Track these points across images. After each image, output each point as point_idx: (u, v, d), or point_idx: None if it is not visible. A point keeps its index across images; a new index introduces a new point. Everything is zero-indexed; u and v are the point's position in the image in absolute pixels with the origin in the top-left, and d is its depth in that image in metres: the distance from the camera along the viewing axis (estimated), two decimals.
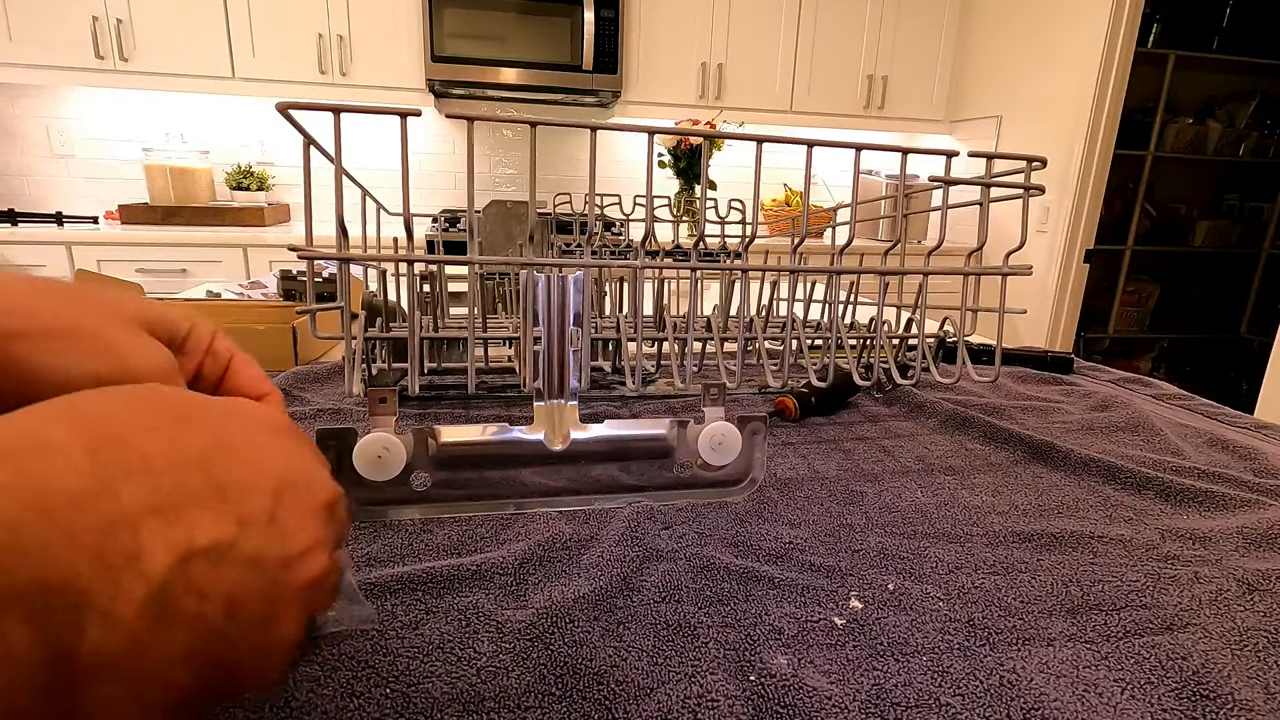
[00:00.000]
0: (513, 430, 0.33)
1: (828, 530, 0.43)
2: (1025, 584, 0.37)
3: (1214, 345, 3.24)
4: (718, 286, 0.81)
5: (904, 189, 0.64)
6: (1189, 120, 2.90)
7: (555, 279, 0.33)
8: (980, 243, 0.55)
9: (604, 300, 0.80)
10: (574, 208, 0.96)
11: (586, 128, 0.45)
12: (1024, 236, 0.53)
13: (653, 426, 0.35)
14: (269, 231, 2.31)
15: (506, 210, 0.92)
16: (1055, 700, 0.28)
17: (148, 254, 2.15)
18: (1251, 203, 3.12)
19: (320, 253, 0.44)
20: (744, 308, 0.56)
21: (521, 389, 0.65)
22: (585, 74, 2.50)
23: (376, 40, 2.39)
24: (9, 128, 2.45)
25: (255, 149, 2.64)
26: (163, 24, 2.23)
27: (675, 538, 0.41)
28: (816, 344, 0.84)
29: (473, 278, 0.53)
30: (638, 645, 0.31)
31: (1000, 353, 0.59)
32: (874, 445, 0.58)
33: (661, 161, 2.68)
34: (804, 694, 0.28)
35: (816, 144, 0.49)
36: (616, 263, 0.51)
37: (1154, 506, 0.48)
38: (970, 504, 0.47)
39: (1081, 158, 2.37)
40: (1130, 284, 3.02)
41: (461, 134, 2.73)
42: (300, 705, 0.27)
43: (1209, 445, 0.60)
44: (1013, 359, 0.86)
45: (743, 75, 2.73)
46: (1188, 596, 0.36)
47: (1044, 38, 2.51)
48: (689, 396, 0.67)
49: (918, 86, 2.91)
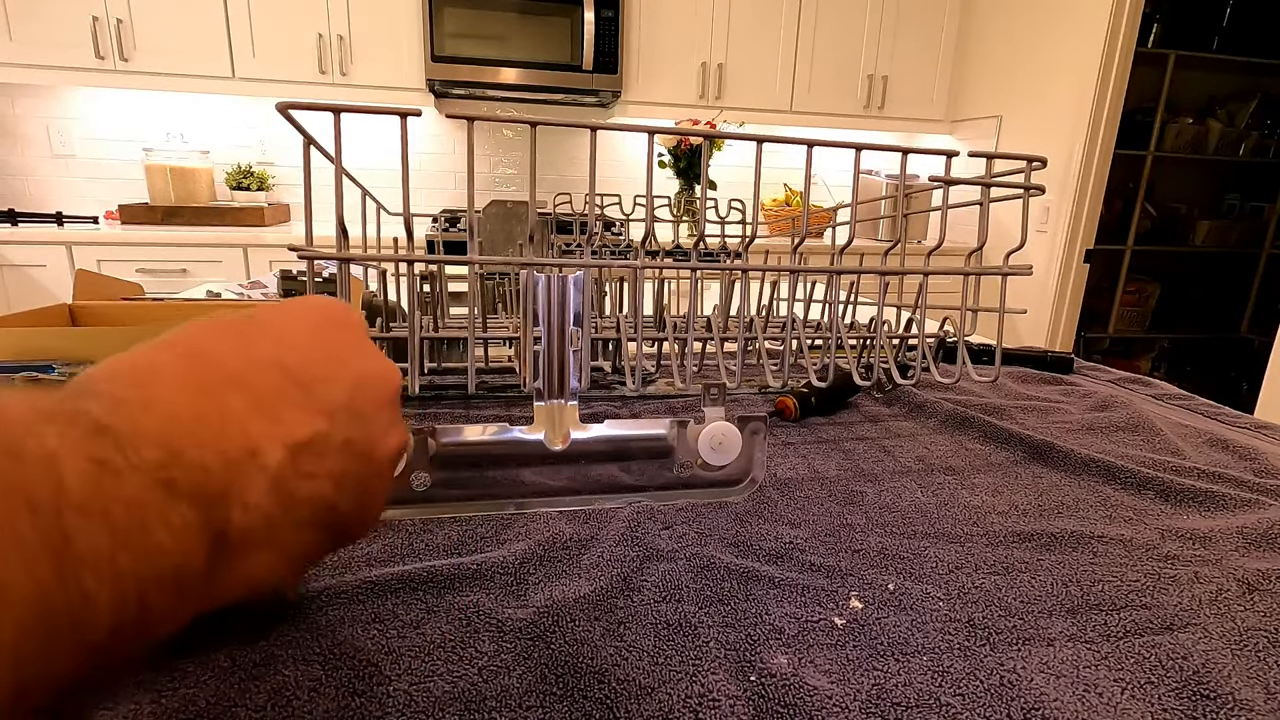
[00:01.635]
0: (513, 430, 0.33)
1: (828, 530, 0.43)
2: (1025, 584, 0.37)
3: (1214, 345, 3.24)
4: (718, 286, 0.81)
5: (904, 189, 0.64)
6: (1189, 120, 2.90)
7: (555, 279, 0.33)
8: (980, 243, 0.55)
9: (604, 300, 0.80)
10: (574, 208, 0.96)
11: (586, 128, 0.45)
12: (1024, 236, 0.53)
13: (653, 426, 0.35)
14: (269, 231, 2.31)
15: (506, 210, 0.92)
16: (1055, 700, 0.28)
17: (148, 254, 2.15)
18: (1252, 203, 3.12)
19: (320, 253, 0.44)
20: (744, 308, 0.56)
21: (521, 389, 0.65)
22: (585, 74, 2.50)
23: (376, 40, 2.39)
24: (9, 128, 2.45)
25: (255, 149, 2.64)
26: (163, 24, 2.23)
27: (675, 538, 0.41)
28: (816, 344, 0.84)
29: (473, 278, 0.53)
30: (638, 645, 0.31)
31: (1000, 353, 0.59)
32: (874, 445, 0.58)
33: (661, 161, 2.68)
34: (804, 694, 0.28)
35: (816, 144, 0.49)
36: (616, 263, 0.51)
37: (1154, 506, 0.48)
38: (970, 504, 0.47)
39: (1081, 158, 2.37)
40: (1130, 284, 3.02)
41: (461, 134, 2.73)
42: (302, 704, 0.27)
43: (1209, 445, 0.60)
44: (1013, 359, 0.86)
45: (743, 75, 2.73)
46: (1188, 596, 0.36)
47: (1044, 38, 2.51)
48: (689, 396, 0.67)
49: (918, 86, 2.91)
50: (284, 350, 0.21)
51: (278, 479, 0.19)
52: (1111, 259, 2.87)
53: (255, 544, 0.19)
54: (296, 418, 0.20)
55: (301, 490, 0.20)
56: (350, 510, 0.22)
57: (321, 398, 0.21)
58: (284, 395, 0.20)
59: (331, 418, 0.21)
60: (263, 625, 0.32)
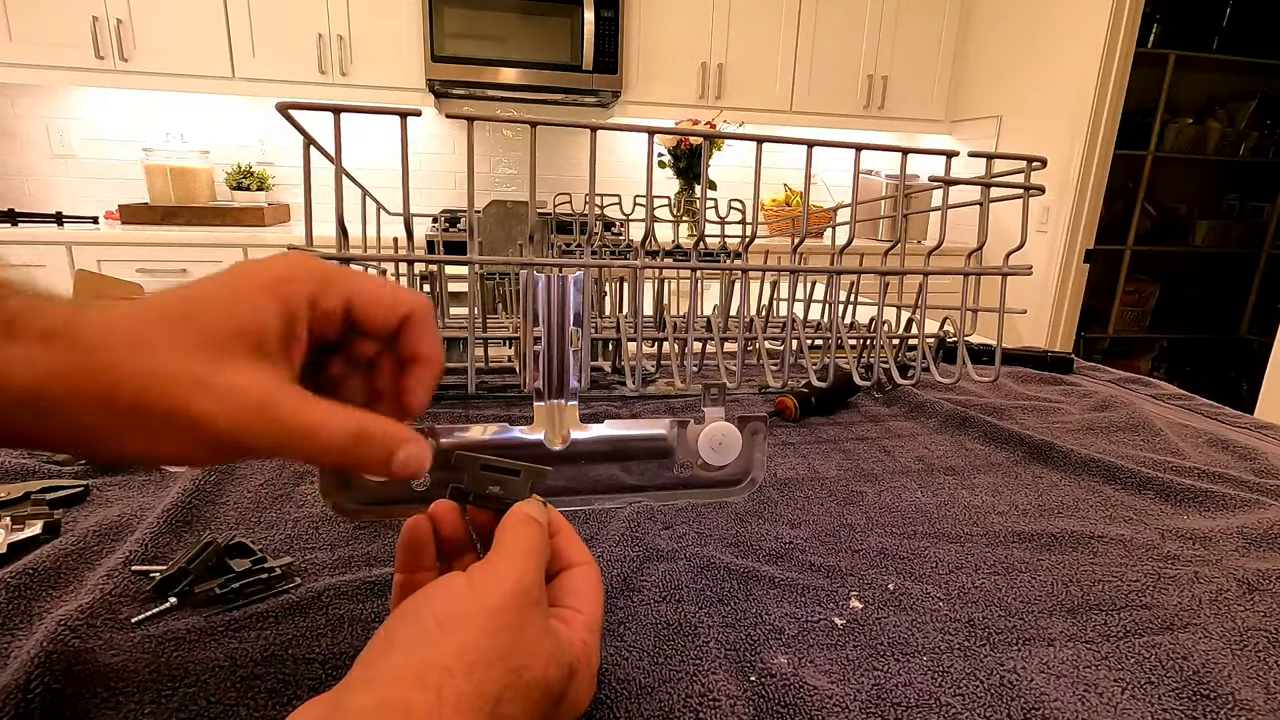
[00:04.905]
0: (513, 430, 0.33)
1: (828, 530, 0.43)
2: (1025, 584, 0.37)
3: (1214, 345, 3.24)
4: (718, 286, 0.81)
5: (904, 189, 0.64)
6: (1189, 120, 2.90)
7: (555, 279, 0.33)
8: (980, 243, 0.55)
9: (604, 300, 0.80)
10: (574, 208, 0.96)
11: (586, 128, 0.45)
12: (1024, 236, 0.53)
13: (653, 426, 0.35)
14: (269, 231, 2.31)
15: (506, 210, 0.92)
16: (1055, 700, 0.28)
17: (148, 254, 2.15)
18: (1251, 203, 3.12)
19: (320, 253, 0.44)
20: (744, 308, 0.56)
21: (521, 389, 0.65)
22: (585, 74, 2.50)
23: (376, 40, 2.39)
24: (9, 128, 2.45)
25: (255, 149, 2.64)
26: (163, 24, 2.23)
27: (675, 538, 0.41)
28: (816, 344, 0.84)
29: (473, 278, 0.53)
30: (639, 645, 0.31)
31: (1000, 353, 0.59)
32: (874, 445, 0.58)
33: (661, 161, 2.68)
34: (804, 693, 0.28)
35: (816, 144, 0.49)
36: (616, 263, 0.51)
37: (1154, 506, 0.48)
38: (970, 504, 0.47)
39: (1081, 158, 2.37)
40: (1130, 284, 3.02)
41: (461, 134, 2.73)
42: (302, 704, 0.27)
43: (1209, 445, 0.60)
44: (1013, 359, 0.86)
45: (743, 75, 2.73)
46: (1188, 596, 0.36)
47: (1044, 38, 2.51)
48: (689, 396, 0.67)
49: (918, 86, 2.91)
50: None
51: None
52: (1111, 259, 2.87)
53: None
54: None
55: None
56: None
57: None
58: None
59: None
60: (263, 624, 0.32)
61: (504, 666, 0.21)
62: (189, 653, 0.30)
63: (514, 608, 0.22)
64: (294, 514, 0.43)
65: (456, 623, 0.21)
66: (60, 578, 0.35)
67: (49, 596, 0.34)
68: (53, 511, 0.41)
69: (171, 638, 0.31)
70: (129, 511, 0.42)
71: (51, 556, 0.36)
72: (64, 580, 0.35)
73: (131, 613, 0.32)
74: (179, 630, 0.31)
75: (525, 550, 0.24)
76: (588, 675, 0.24)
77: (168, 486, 0.45)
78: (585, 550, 0.28)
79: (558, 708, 0.23)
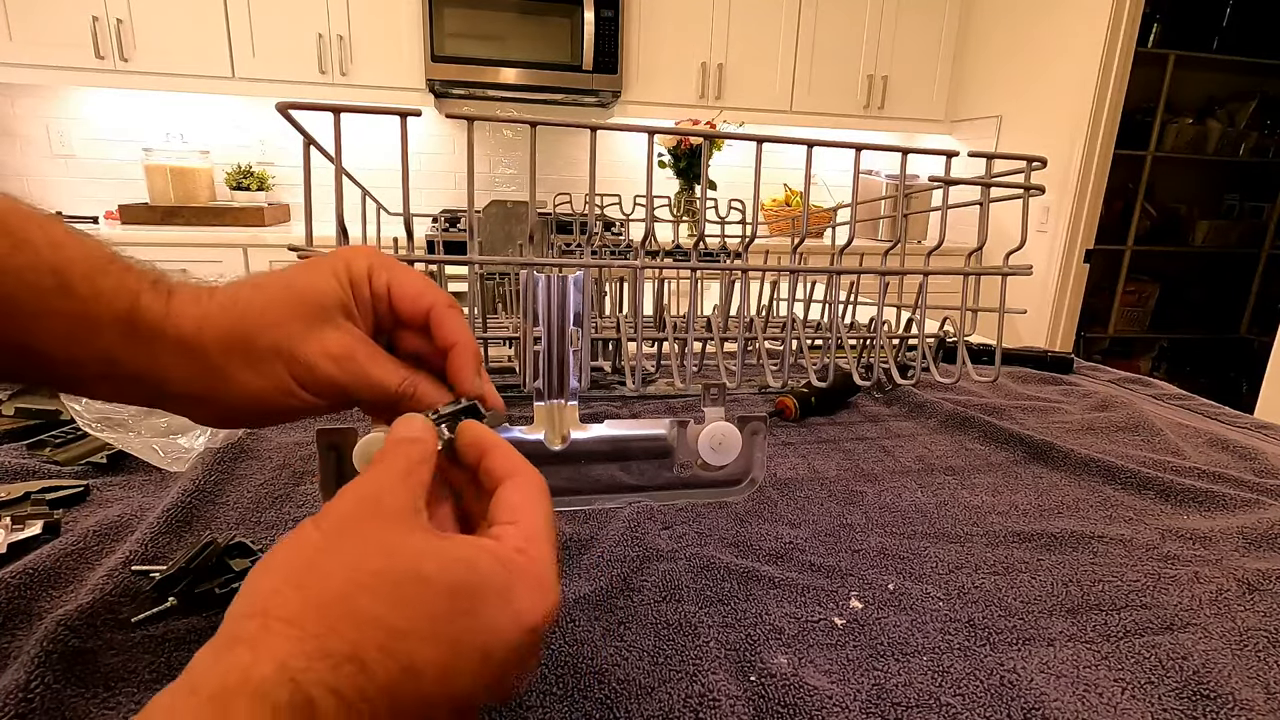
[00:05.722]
0: (512, 430, 0.33)
1: (828, 530, 0.43)
2: (1025, 584, 0.37)
3: (1214, 345, 3.24)
4: (718, 286, 0.81)
5: (904, 189, 0.64)
6: (1189, 120, 2.90)
7: (555, 279, 0.33)
8: (980, 243, 0.55)
9: (604, 300, 0.80)
10: (574, 208, 0.96)
11: (586, 128, 0.45)
12: (1024, 236, 0.53)
13: (653, 426, 0.35)
14: (269, 231, 2.31)
15: (506, 210, 0.92)
16: (1055, 700, 0.28)
17: (148, 254, 2.07)
18: (1251, 203, 3.12)
19: (320, 253, 0.44)
20: (744, 308, 0.56)
21: (521, 389, 0.65)
22: (585, 74, 2.50)
23: (376, 40, 2.39)
24: (9, 128, 2.45)
25: (255, 149, 2.64)
26: (163, 24, 2.23)
27: (675, 538, 0.41)
28: (816, 344, 0.84)
29: (473, 278, 0.53)
30: (639, 645, 0.31)
31: (1000, 353, 0.59)
32: (874, 445, 0.58)
33: (661, 161, 2.68)
34: (804, 693, 0.28)
35: (816, 144, 0.49)
36: (616, 263, 0.51)
37: (1154, 506, 0.48)
38: (970, 504, 0.47)
39: (1081, 158, 2.37)
40: (1130, 284, 3.02)
41: (461, 134, 2.73)
42: None
43: (1209, 445, 0.60)
44: (1013, 359, 0.86)
45: (743, 75, 2.73)
46: (1188, 596, 0.36)
47: (1044, 38, 2.51)
48: (689, 396, 0.67)
49: (918, 86, 2.91)
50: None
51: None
52: (1111, 259, 2.87)
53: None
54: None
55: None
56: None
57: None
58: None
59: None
60: None
61: (347, 573, 0.20)
62: (189, 653, 0.30)
63: (354, 518, 0.22)
64: (294, 514, 0.43)
65: (288, 548, 0.21)
66: (60, 578, 0.35)
67: (49, 596, 0.34)
68: (53, 511, 0.41)
69: (171, 638, 0.31)
70: (129, 511, 0.42)
71: (51, 556, 0.36)
72: (64, 580, 0.35)
73: (131, 613, 0.32)
74: (179, 630, 0.31)
75: (375, 468, 0.24)
76: (534, 584, 0.22)
77: (168, 486, 0.45)
78: (521, 462, 0.27)
79: (489, 605, 0.21)
